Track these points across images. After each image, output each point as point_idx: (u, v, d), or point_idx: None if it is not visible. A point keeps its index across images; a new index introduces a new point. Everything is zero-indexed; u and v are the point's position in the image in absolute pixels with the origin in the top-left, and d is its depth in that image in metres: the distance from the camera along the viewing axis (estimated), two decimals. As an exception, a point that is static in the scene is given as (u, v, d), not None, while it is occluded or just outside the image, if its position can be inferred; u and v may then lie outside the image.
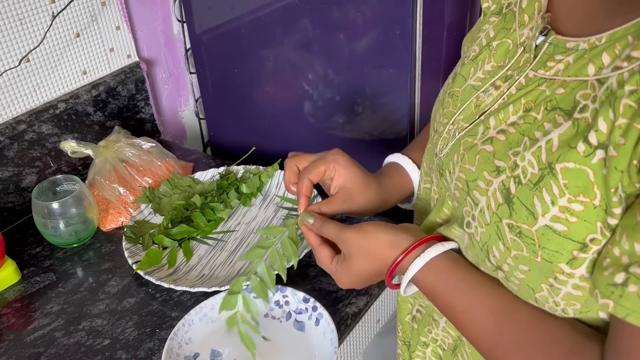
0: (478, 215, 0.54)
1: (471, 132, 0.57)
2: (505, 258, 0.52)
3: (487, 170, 0.53)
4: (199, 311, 0.81)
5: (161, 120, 1.35)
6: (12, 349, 0.81)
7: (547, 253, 0.48)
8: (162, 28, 1.28)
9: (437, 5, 0.93)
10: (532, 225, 0.49)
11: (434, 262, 0.58)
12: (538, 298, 0.51)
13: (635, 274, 0.40)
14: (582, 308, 0.49)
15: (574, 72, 0.49)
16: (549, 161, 0.48)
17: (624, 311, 0.41)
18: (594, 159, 0.45)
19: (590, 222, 0.45)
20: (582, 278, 0.47)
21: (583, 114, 0.46)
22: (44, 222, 0.95)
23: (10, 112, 1.03)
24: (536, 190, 0.48)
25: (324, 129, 1.13)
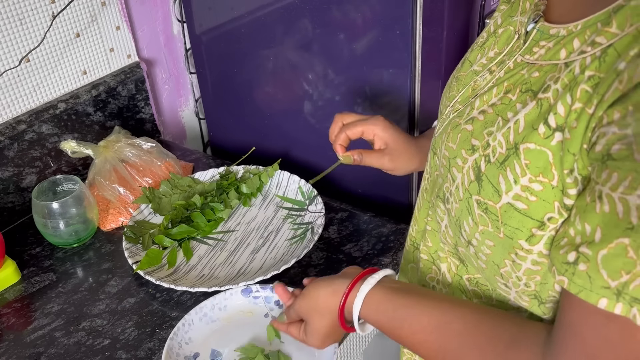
0: (454, 191, 0.57)
1: (461, 112, 0.60)
2: (473, 233, 0.55)
3: (464, 149, 0.56)
4: (199, 311, 0.81)
5: (161, 120, 1.35)
6: (12, 349, 0.81)
7: (509, 229, 0.51)
8: (162, 28, 1.28)
9: (437, 5, 0.93)
10: (497, 202, 0.51)
11: (370, 297, 0.62)
12: (503, 273, 0.54)
13: (584, 253, 0.43)
14: (542, 280, 0.52)
15: (549, 57, 0.51)
16: (515, 142, 0.50)
17: (576, 287, 0.43)
18: (552, 141, 0.47)
19: (548, 201, 0.48)
20: (540, 254, 0.50)
21: (545, 94, 0.49)
22: (44, 222, 0.95)
23: (10, 112, 1.03)
24: (502, 169, 0.51)
25: (324, 129, 1.13)
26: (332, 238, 0.97)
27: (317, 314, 0.66)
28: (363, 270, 0.65)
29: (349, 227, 0.99)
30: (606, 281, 0.41)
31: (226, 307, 0.83)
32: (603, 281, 0.41)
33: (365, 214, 1.01)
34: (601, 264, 0.41)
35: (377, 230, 0.97)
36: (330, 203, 1.04)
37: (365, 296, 0.62)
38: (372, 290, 0.62)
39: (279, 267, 0.87)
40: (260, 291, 0.83)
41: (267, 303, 0.83)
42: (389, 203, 1.12)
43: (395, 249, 0.93)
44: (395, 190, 1.10)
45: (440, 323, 0.56)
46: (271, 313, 0.83)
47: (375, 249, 0.94)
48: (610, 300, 0.41)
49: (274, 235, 0.98)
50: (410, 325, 0.58)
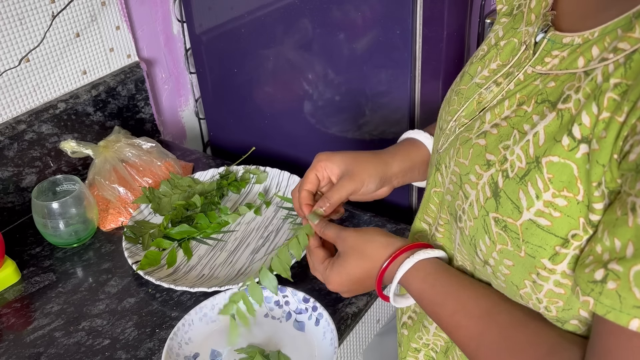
0: (467, 208, 0.55)
1: (469, 127, 0.58)
2: (491, 252, 0.52)
3: (478, 164, 0.54)
4: (199, 311, 0.81)
5: (161, 120, 1.35)
6: (12, 349, 0.81)
7: (531, 248, 0.48)
8: (162, 28, 1.28)
9: (437, 5, 0.93)
10: (517, 219, 0.49)
11: (421, 266, 0.60)
12: (522, 295, 0.52)
13: (614, 270, 0.40)
14: (564, 305, 0.49)
15: (565, 66, 0.49)
16: (536, 155, 0.48)
17: (603, 308, 0.41)
18: (577, 154, 0.45)
19: (573, 217, 0.46)
20: (564, 275, 0.47)
21: (566, 104, 0.47)
22: (43, 222, 0.95)
23: (10, 112, 1.03)
24: (522, 184, 0.49)
25: (324, 129, 1.13)
26: (332, 238, 0.96)
27: (360, 254, 0.64)
28: (421, 242, 0.64)
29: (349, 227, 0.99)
30: (639, 300, 0.38)
31: (226, 307, 0.83)
32: (635, 300, 0.38)
33: (365, 214, 1.01)
34: (634, 281, 0.38)
35: (377, 230, 0.97)
36: (330, 203, 1.04)
37: (417, 262, 0.60)
38: (425, 260, 0.60)
39: (279, 267, 0.87)
40: (260, 291, 0.83)
41: (267, 303, 0.83)
42: (389, 203, 1.12)
43: (395, 249, 0.93)
44: (395, 191, 1.10)
45: (486, 312, 0.54)
46: (271, 313, 0.83)
47: (375, 249, 0.94)
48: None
49: (274, 235, 0.98)
50: (453, 305, 0.57)
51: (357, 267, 0.65)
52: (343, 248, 0.66)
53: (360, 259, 0.64)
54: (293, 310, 0.82)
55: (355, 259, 0.65)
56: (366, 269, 0.64)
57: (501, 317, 0.54)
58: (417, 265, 0.60)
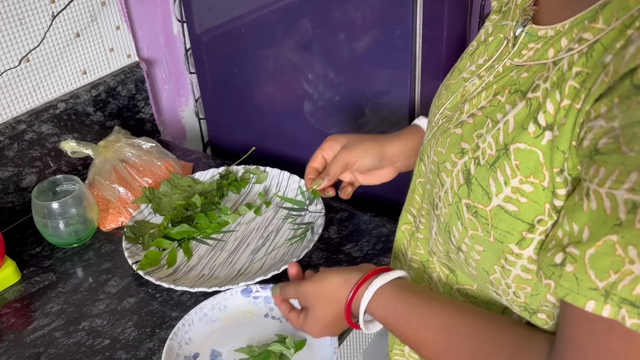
0: (443, 196, 0.56)
1: (450, 118, 0.60)
2: (463, 238, 0.54)
3: (453, 152, 0.56)
4: (199, 311, 0.81)
5: (161, 120, 1.35)
6: (12, 349, 0.81)
7: (499, 233, 0.50)
8: (162, 28, 1.28)
9: (437, 5, 0.93)
10: (487, 205, 0.50)
11: (380, 292, 0.62)
12: (492, 280, 0.53)
13: (571, 253, 0.41)
14: (532, 291, 0.51)
15: (537, 57, 0.50)
16: (505, 142, 0.49)
17: (562, 291, 0.42)
18: (542, 140, 0.46)
19: (539, 203, 0.47)
20: (530, 260, 0.49)
21: (535, 93, 0.48)
22: (44, 222, 0.95)
23: (10, 112, 1.03)
24: (492, 171, 0.50)
25: (324, 129, 1.13)
26: (332, 238, 0.97)
27: (325, 301, 0.66)
28: (377, 267, 0.65)
29: (349, 227, 0.99)
30: (594, 282, 0.39)
31: (226, 307, 0.83)
32: (591, 282, 0.40)
33: (365, 214, 1.01)
34: (589, 263, 0.40)
35: (377, 230, 0.97)
36: (330, 203, 1.04)
37: (376, 290, 0.62)
38: (384, 286, 0.62)
39: (279, 267, 0.87)
40: (260, 291, 0.83)
41: (267, 303, 0.83)
42: (389, 203, 1.12)
43: (395, 249, 0.93)
44: (395, 190, 1.10)
45: (447, 325, 0.56)
46: (271, 313, 0.83)
47: (375, 249, 0.94)
48: (597, 302, 0.39)
49: (274, 235, 0.98)
50: (417, 324, 0.58)
51: (328, 315, 0.67)
52: (308, 302, 0.69)
53: (328, 306, 0.66)
54: (293, 310, 0.82)
55: (322, 307, 0.67)
56: (335, 311, 0.66)
57: (462, 328, 0.55)
58: (376, 293, 0.62)
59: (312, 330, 0.69)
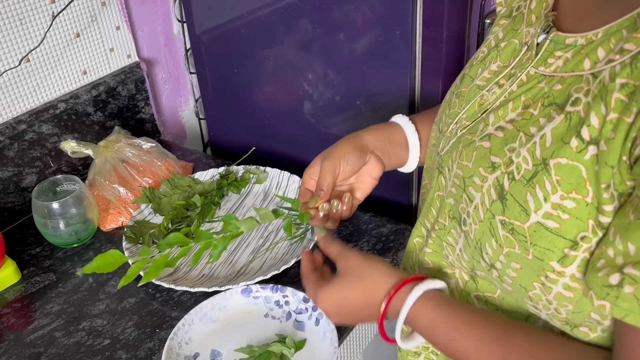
0: (472, 212, 0.54)
1: (472, 129, 0.57)
2: (497, 255, 0.52)
3: (482, 167, 0.53)
4: (199, 311, 0.81)
5: (161, 120, 1.35)
6: (12, 349, 0.81)
7: (539, 250, 0.48)
8: (162, 28, 1.28)
9: (437, 5, 0.93)
10: (525, 221, 0.49)
11: (428, 295, 0.58)
12: (531, 296, 0.51)
13: (630, 274, 0.40)
14: (574, 309, 0.49)
15: (570, 68, 0.49)
16: (544, 157, 0.47)
17: (621, 312, 0.41)
18: (586, 155, 0.44)
19: (582, 219, 0.45)
20: (573, 278, 0.47)
21: (575, 107, 0.46)
22: (44, 222, 0.95)
23: (10, 112, 1.03)
24: (529, 187, 0.48)
25: (324, 129, 1.13)
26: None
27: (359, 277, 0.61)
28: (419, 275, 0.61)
29: (349, 227, 0.99)
30: None
31: (226, 307, 0.83)
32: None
33: (365, 214, 1.01)
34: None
35: (377, 230, 0.97)
36: (330, 203, 1.04)
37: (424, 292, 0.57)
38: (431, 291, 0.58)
39: (279, 267, 0.87)
40: (260, 291, 0.83)
41: (267, 303, 0.83)
42: (389, 203, 1.12)
43: (395, 249, 0.93)
44: (395, 190, 1.10)
45: (504, 334, 0.53)
46: (271, 313, 0.83)
47: (375, 249, 0.94)
48: None
49: (274, 235, 0.98)
50: (471, 330, 0.55)
51: (355, 289, 0.61)
52: (343, 266, 0.63)
53: (359, 280, 0.61)
54: (293, 310, 0.82)
55: (354, 279, 0.61)
56: (363, 292, 0.60)
57: (519, 338, 0.53)
58: (424, 296, 0.57)
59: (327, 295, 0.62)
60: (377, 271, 0.61)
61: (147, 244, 0.95)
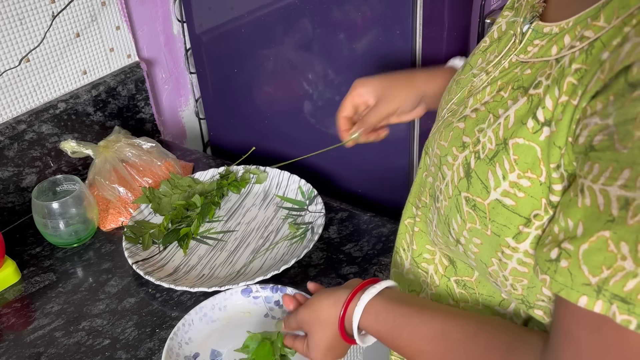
0: (444, 188, 0.57)
1: (455, 112, 0.60)
2: (462, 231, 0.54)
3: (455, 146, 0.56)
4: (199, 311, 0.81)
5: (161, 120, 1.35)
6: (12, 349, 0.81)
7: (496, 226, 0.50)
8: (162, 28, 1.28)
9: (437, 5, 0.93)
10: (485, 198, 0.51)
11: (370, 307, 0.61)
12: (491, 272, 0.54)
13: (565, 249, 0.42)
14: (529, 283, 0.51)
15: (541, 54, 0.51)
16: (504, 137, 0.50)
17: (557, 286, 0.42)
18: (541, 136, 0.47)
19: (536, 198, 0.47)
20: (526, 254, 0.49)
21: (537, 89, 0.49)
22: (44, 222, 0.95)
23: (10, 112, 1.03)
24: (491, 165, 0.51)
25: (324, 129, 1.13)
26: (332, 238, 0.97)
27: (319, 326, 0.66)
28: (364, 281, 0.65)
29: (349, 227, 0.99)
30: (587, 277, 0.40)
31: (226, 307, 0.83)
32: (584, 278, 0.40)
33: (365, 214, 1.01)
34: (582, 259, 0.40)
35: (377, 230, 0.97)
36: (330, 203, 1.04)
37: (365, 305, 0.61)
38: (372, 300, 0.61)
39: (279, 267, 0.87)
40: (260, 291, 0.83)
41: (267, 303, 0.83)
42: (389, 203, 1.12)
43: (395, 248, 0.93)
44: (395, 190, 1.10)
45: (440, 332, 0.56)
46: (271, 313, 0.83)
47: (375, 249, 0.94)
48: (590, 297, 0.40)
49: (274, 235, 0.98)
50: (410, 335, 0.58)
51: (324, 337, 0.66)
52: (307, 329, 0.68)
53: (324, 329, 0.66)
54: (293, 310, 0.82)
55: (319, 331, 0.66)
56: (332, 333, 0.65)
57: (455, 334, 0.55)
58: (366, 309, 0.61)
59: (316, 356, 0.68)
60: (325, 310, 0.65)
61: (147, 244, 0.95)
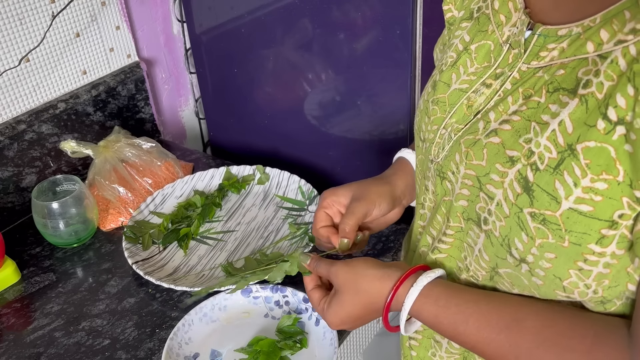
0: (495, 209, 0.53)
1: (470, 130, 0.57)
2: (529, 248, 0.51)
3: (499, 162, 0.53)
4: (199, 311, 0.81)
5: (161, 120, 1.35)
6: (12, 349, 0.81)
7: (575, 236, 0.48)
8: (162, 28, 1.28)
9: (437, 5, 0.93)
10: (556, 210, 0.49)
11: (429, 290, 0.58)
12: (566, 286, 0.51)
13: None
14: (610, 283, 0.49)
15: (571, 53, 0.49)
16: (568, 143, 0.48)
17: None
18: (614, 136, 0.45)
19: (615, 198, 0.46)
20: (613, 255, 0.47)
21: (588, 89, 0.47)
22: (44, 222, 0.95)
23: (10, 112, 1.03)
24: (557, 174, 0.48)
25: (324, 129, 1.13)
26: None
27: (354, 290, 0.62)
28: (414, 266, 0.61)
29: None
30: None
31: (226, 307, 0.83)
32: None
33: (365, 214, 1.01)
34: None
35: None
36: (330, 203, 1.04)
37: (423, 287, 0.58)
38: (431, 283, 0.58)
39: (279, 267, 0.87)
40: (260, 291, 0.83)
41: (267, 303, 0.83)
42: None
43: (395, 249, 0.93)
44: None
45: (512, 320, 0.53)
46: (271, 313, 0.83)
47: (375, 249, 0.94)
48: None
49: (274, 235, 0.98)
50: (477, 321, 0.55)
51: (354, 305, 0.63)
52: (336, 285, 0.65)
53: (355, 295, 0.63)
54: (293, 310, 0.82)
55: (350, 295, 0.63)
56: (363, 304, 0.62)
57: (530, 322, 0.53)
58: (424, 292, 0.58)
59: (332, 317, 0.65)
60: (367, 280, 0.62)
61: (147, 244, 0.95)
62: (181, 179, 1.09)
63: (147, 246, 0.95)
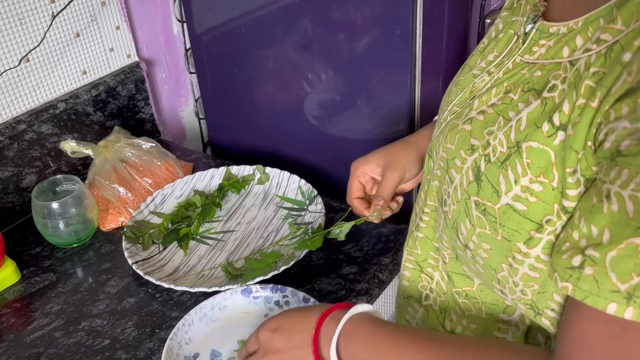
0: (452, 192, 0.56)
1: (459, 114, 0.59)
2: (470, 235, 0.53)
3: (463, 149, 0.55)
4: (199, 311, 0.81)
5: (161, 120, 1.35)
6: (12, 349, 0.81)
7: (507, 231, 0.50)
8: (162, 28, 1.28)
9: (437, 5, 0.93)
10: (496, 203, 0.50)
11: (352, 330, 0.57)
12: (500, 278, 0.53)
13: (590, 256, 0.41)
14: (539, 289, 0.50)
15: (551, 55, 0.50)
16: (517, 140, 0.49)
17: (581, 293, 0.41)
18: (555, 140, 0.46)
19: (548, 203, 0.47)
20: (538, 259, 0.48)
21: (551, 93, 0.48)
22: (43, 222, 0.95)
23: (10, 112, 1.03)
24: (502, 169, 0.50)
25: (324, 129, 1.13)
26: (332, 238, 0.96)
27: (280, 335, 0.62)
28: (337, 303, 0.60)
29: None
30: (615, 284, 0.39)
31: (226, 307, 0.83)
32: (612, 285, 0.39)
33: (365, 214, 1.01)
34: (610, 266, 0.39)
35: (377, 230, 0.97)
36: (330, 203, 1.04)
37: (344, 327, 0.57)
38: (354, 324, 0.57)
39: (278, 267, 0.87)
40: (260, 291, 0.83)
41: (267, 303, 0.83)
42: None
43: (395, 249, 0.93)
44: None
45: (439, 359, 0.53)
46: (271, 313, 0.83)
47: (375, 249, 0.94)
48: (619, 304, 0.38)
49: (274, 235, 0.98)
50: None
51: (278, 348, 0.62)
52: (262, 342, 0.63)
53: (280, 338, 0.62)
54: (293, 310, 0.82)
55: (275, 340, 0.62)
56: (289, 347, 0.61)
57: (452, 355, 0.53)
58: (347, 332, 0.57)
59: None
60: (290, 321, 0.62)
61: (147, 244, 0.95)
62: (181, 179, 1.09)
63: (147, 246, 0.95)
